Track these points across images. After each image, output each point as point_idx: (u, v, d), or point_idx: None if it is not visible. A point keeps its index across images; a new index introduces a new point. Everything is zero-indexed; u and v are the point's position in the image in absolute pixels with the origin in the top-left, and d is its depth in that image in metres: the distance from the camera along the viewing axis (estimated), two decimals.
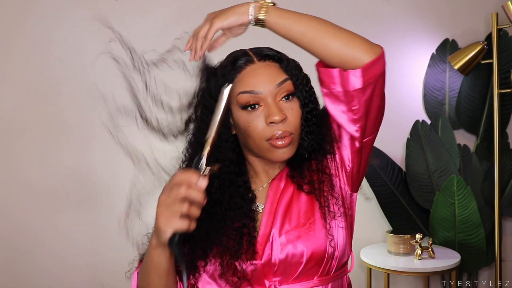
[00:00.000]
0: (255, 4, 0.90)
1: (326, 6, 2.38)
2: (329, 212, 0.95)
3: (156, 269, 0.87)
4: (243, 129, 0.93)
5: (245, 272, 0.91)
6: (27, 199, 2.36)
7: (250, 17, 0.89)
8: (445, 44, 2.40)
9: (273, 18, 0.89)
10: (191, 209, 0.78)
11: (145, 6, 2.36)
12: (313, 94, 0.98)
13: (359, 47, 0.88)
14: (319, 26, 0.90)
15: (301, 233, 0.93)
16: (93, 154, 2.37)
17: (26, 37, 2.34)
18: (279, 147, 0.91)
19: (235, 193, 0.95)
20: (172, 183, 0.79)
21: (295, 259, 0.92)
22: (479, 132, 2.40)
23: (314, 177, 0.98)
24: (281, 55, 0.96)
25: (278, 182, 0.99)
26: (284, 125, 0.91)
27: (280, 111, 0.90)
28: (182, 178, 0.78)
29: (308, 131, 0.96)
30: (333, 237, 0.94)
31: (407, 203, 2.38)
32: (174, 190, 0.77)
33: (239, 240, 0.92)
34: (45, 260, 2.38)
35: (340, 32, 0.90)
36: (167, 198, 0.78)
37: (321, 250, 0.92)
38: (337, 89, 0.91)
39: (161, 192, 0.81)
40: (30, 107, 2.35)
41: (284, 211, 0.95)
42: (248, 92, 0.91)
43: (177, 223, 0.77)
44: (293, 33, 0.90)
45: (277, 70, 0.93)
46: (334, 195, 0.97)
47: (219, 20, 0.90)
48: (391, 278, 2.37)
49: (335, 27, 0.90)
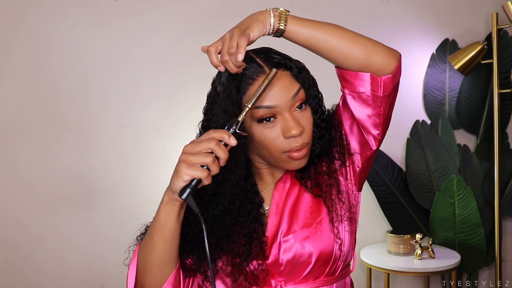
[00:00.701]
0: (273, 12, 0.87)
1: (326, 6, 2.38)
2: (336, 216, 0.95)
3: (162, 230, 0.86)
4: (259, 141, 0.91)
5: (254, 274, 0.91)
6: (27, 199, 2.36)
7: (270, 27, 0.87)
8: (445, 44, 2.40)
9: (293, 27, 0.87)
10: (213, 163, 0.80)
11: (145, 6, 2.36)
12: (321, 98, 0.97)
13: (382, 54, 0.89)
14: (340, 34, 0.89)
15: (309, 233, 0.93)
16: (93, 154, 2.37)
17: (26, 37, 2.34)
18: (297, 159, 0.91)
19: (244, 199, 0.94)
20: (204, 137, 0.81)
21: (303, 259, 0.92)
22: (479, 132, 2.40)
23: (321, 180, 0.98)
24: (290, 61, 0.92)
25: (283, 183, 0.99)
26: (302, 137, 0.90)
27: (298, 124, 0.89)
28: (216, 134, 0.80)
29: (320, 137, 0.96)
30: (342, 241, 0.94)
31: (407, 203, 2.38)
32: (204, 142, 0.80)
33: (249, 245, 0.91)
34: (45, 260, 2.38)
35: (362, 39, 0.89)
36: (194, 147, 0.80)
37: (328, 251, 0.93)
38: (367, 94, 0.91)
39: (187, 144, 0.82)
40: (30, 107, 2.35)
41: (290, 211, 0.96)
42: (264, 107, 0.88)
43: (198, 170, 0.79)
44: (313, 41, 0.88)
45: (289, 79, 0.90)
46: (342, 199, 0.98)
47: (252, 32, 0.85)
48: (391, 278, 2.37)
49: (355, 34, 0.90)
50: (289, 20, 0.87)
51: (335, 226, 0.94)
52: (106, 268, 2.35)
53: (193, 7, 2.36)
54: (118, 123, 2.37)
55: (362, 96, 0.91)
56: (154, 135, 2.38)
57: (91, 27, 2.36)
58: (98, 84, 2.37)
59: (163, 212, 0.85)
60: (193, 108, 0.98)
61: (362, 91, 0.91)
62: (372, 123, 0.94)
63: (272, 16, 0.86)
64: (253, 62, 0.89)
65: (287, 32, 0.87)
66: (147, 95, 2.38)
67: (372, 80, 0.89)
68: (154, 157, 2.36)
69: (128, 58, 2.37)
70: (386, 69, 0.89)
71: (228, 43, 0.83)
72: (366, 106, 0.92)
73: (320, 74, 1.08)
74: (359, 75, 0.90)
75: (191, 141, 0.83)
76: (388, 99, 0.92)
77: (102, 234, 2.37)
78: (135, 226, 0.99)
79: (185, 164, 0.80)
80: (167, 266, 0.88)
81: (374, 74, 0.89)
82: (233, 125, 0.83)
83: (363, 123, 0.94)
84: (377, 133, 0.95)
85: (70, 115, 2.37)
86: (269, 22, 0.86)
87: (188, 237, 0.92)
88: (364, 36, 0.90)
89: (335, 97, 1.04)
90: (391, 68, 0.90)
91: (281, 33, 0.87)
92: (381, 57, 0.89)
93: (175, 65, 2.37)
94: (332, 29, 0.89)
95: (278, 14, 0.87)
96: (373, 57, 0.89)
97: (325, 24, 0.89)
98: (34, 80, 2.35)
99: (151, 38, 2.37)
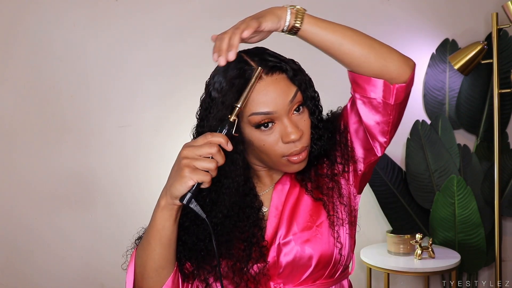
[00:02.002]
0: (290, 9, 0.85)
1: (326, 6, 2.38)
2: (337, 220, 0.95)
3: (160, 234, 0.84)
4: (258, 146, 0.89)
5: (255, 279, 0.90)
6: (27, 199, 2.36)
7: (286, 23, 0.85)
8: (445, 44, 2.39)
9: (309, 27, 0.85)
10: (215, 168, 0.80)
11: (145, 6, 2.36)
12: (318, 98, 0.95)
13: (397, 62, 0.88)
14: (356, 38, 0.87)
15: (309, 236, 0.92)
16: (93, 154, 2.37)
17: (26, 37, 2.34)
18: (296, 162, 0.90)
19: (243, 204, 0.93)
20: (201, 140, 0.80)
21: (303, 262, 0.92)
22: (479, 132, 2.40)
23: (322, 182, 0.97)
24: (285, 63, 0.89)
25: (282, 185, 0.99)
26: (301, 141, 0.89)
27: (296, 129, 0.87)
28: (214, 139, 0.79)
29: (318, 138, 0.95)
30: (342, 245, 0.94)
31: (407, 203, 2.38)
32: (205, 147, 0.78)
33: (249, 250, 0.90)
34: (45, 260, 2.38)
35: (378, 46, 0.88)
36: (194, 151, 0.79)
37: (328, 254, 0.92)
38: (378, 100, 0.90)
39: (183, 148, 0.81)
40: (30, 107, 2.35)
41: (290, 213, 0.95)
42: (261, 113, 0.86)
43: (202, 175, 0.78)
44: (328, 43, 0.86)
45: (286, 83, 0.87)
46: (343, 202, 0.97)
47: (265, 21, 0.83)
48: (391, 278, 2.37)
49: (371, 40, 0.88)
50: (306, 19, 0.85)
51: (335, 230, 0.94)
52: (106, 268, 2.35)
53: (193, 7, 2.36)
54: (118, 123, 2.37)
55: (373, 102, 0.90)
56: (154, 135, 2.38)
57: (91, 27, 2.36)
58: (98, 84, 2.37)
59: (160, 217, 0.84)
60: (193, 108, 0.97)
61: (374, 97, 0.90)
62: (380, 130, 0.93)
63: (289, 12, 0.85)
64: (248, 65, 0.87)
65: (302, 31, 0.85)
66: (147, 95, 2.38)
67: (385, 87, 0.88)
68: (154, 157, 2.36)
69: (128, 58, 2.37)
70: (400, 78, 0.88)
71: (227, 39, 0.81)
72: (376, 112, 0.91)
73: (322, 71, 1.08)
74: (372, 81, 0.88)
75: (186, 145, 0.81)
76: (398, 108, 0.91)
77: (102, 234, 2.37)
78: (135, 226, 0.98)
79: (189, 169, 0.78)
80: (165, 270, 0.88)
81: (388, 82, 0.88)
82: (225, 126, 0.82)
83: (371, 130, 0.93)
84: (384, 140, 0.94)
85: (70, 115, 2.37)
86: (285, 18, 0.84)
87: (186, 245, 0.91)
88: (380, 43, 0.89)
89: (336, 95, 1.03)
90: (405, 77, 0.89)
91: (296, 31, 0.86)
92: (395, 66, 0.88)
93: (175, 65, 2.37)
94: (348, 33, 0.87)
95: (295, 12, 0.85)
96: (388, 65, 0.87)
97: (342, 27, 0.87)
98: (34, 80, 2.35)
99: (151, 38, 2.37)
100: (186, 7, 2.36)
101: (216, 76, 0.90)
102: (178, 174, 0.79)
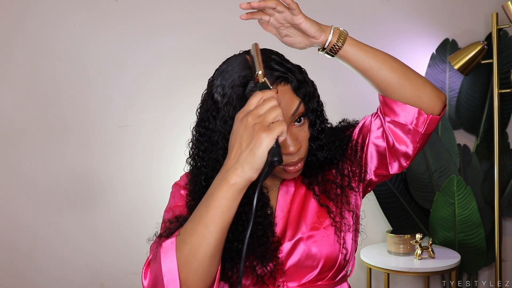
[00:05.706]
0: (333, 29, 0.89)
1: (326, 6, 2.38)
2: (344, 226, 0.96)
3: (224, 217, 0.73)
4: None
5: (263, 279, 0.90)
6: (27, 199, 2.36)
7: (327, 39, 0.89)
8: (445, 44, 2.40)
9: (350, 48, 0.89)
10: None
11: (145, 7, 2.36)
12: (320, 108, 0.93)
13: (430, 95, 0.91)
14: (394, 66, 0.90)
15: (316, 237, 0.93)
16: (93, 154, 2.37)
17: (26, 38, 2.34)
18: (292, 172, 0.90)
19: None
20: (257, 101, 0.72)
21: (308, 263, 0.92)
22: (479, 132, 2.40)
23: (329, 187, 0.98)
24: (291, 72, 0.86)
25: (287, 187, 0.99)
26: (298, 153, 0.88)
27: (296, 141, 0.87)
28: (269, 94, 0.72)
29: (317, 148, 0.94)
30: (347, 251, 0.95)
31: (407, 203, 2.38)
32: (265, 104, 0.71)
33: (259, 249, 0.88)
34: (45, 260, 2.38)
35: (413, 76, 0.91)
36: (259, 111, 0.71)
37: (333, 257, 0.93)
38: (408, 127, 0.92)
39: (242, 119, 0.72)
40: (30, 107, 2.36)
41: (297, 214, 0.95)
42: None
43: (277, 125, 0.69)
44: (368, 67, 0.90)
45: (290, 95, 0.85)
46: (349, 208, 0.98)
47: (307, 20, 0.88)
48: (391, 278, 2.37)
49: (408, 69, 0.91)
50: (348, 41, 0.89)
51: (341, 236, 0.94)
52: (106, 268, 2.35)
53: (193, 7, 2.36)
54: (118, 123, 2.37)
55: (403, 128, 0.92)
56: (154, 135, 2.38)
57: (91, 27, 2.36)
58: (98, 84, 2.37)
59: (228, 197, 0.72)
60: (193, 108, 0.97)
61: (404, 123, 0.92)
62: (404, 153, 0.95)
63: (332, 32, 0.89)
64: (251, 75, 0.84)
65: (343, 51, 0.89)
66: (147, 95, 2.38)
67: (419, 115, 0.91)
68: (154, 157, 2.36)
69: (128, 58, 2.37)
70: (429, 109, 0.91)
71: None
72: (405, 138, 0.93)
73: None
74: (407, 108, 0.91)
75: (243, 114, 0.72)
76: (426, 138, 0.93)
77: (102, 234, 2.37)
78: (135, 225, 0.98)
79: (263, 130, 0.68)
80: (216, 258, 0.78)
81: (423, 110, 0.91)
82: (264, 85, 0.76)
83: (396, 152, 0.95)
84: (405, 165, 0.97)
85: (70, 115, 2.37)
86: (328, 34, 0.89)
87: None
88: (416, 73, 0.92)
89: (337, 93, 1.03)
90: (436, 109, 0.91)
91: (336, 50, 0.89)
92: (428, 97, 0.91)
93: (175, 65, 2.37)
94: (387, 60, 0.90)
95: (338, 32, 0.89)
96: (421, 96, 0.90)
97: (382, 53, 0.91)
98: (34, 80, 2.36)
99: (151, 38, 2.37)
100: (186, 7, 2.36)
101: (220, 79, 0.87)
102: (254, 143, 0.69)
